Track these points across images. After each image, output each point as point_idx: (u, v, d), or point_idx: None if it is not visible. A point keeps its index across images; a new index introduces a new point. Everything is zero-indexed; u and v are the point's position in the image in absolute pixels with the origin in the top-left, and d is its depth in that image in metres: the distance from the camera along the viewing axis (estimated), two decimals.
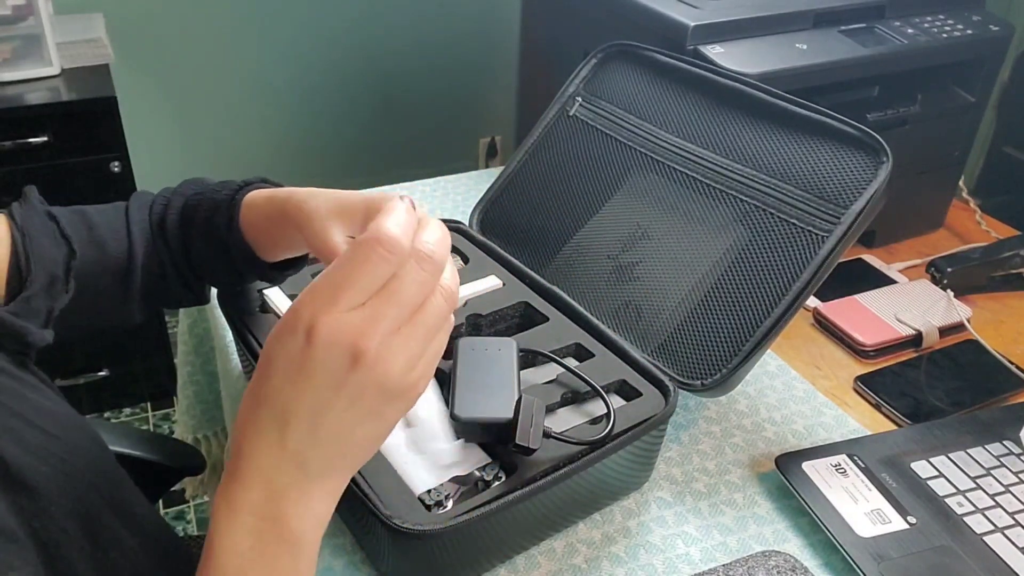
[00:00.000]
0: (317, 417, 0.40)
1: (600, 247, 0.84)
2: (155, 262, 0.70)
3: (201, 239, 0.68)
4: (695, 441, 0.79)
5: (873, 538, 0.66)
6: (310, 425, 0.40)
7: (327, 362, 0.38)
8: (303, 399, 0.39)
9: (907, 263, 1.08)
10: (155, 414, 1.96)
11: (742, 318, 0.73)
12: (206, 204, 0.68)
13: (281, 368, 0.39)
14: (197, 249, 0.69)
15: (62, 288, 0.62)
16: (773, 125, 0.79)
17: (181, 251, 0.70)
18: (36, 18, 1.55)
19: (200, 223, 0.68)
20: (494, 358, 0.68)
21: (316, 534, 0.42)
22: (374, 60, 2.24)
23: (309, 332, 0.38)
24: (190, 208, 0.69)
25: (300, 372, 0.39)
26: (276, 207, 0.63)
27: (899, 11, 1.01)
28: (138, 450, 0.86)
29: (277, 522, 0.40)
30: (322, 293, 0.39)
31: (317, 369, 0.38)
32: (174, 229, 0.69)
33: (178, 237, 0.69)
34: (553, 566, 0.66)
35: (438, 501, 0.60)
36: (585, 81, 0.94)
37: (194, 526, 1.69)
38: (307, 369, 0.38)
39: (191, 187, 0.71)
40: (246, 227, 0.66)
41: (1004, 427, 0.79)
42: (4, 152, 1.50)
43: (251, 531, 0.40)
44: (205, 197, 0.69)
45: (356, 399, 0.39)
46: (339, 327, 0.38)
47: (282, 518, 0.40)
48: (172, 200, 0.70)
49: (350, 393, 0.39)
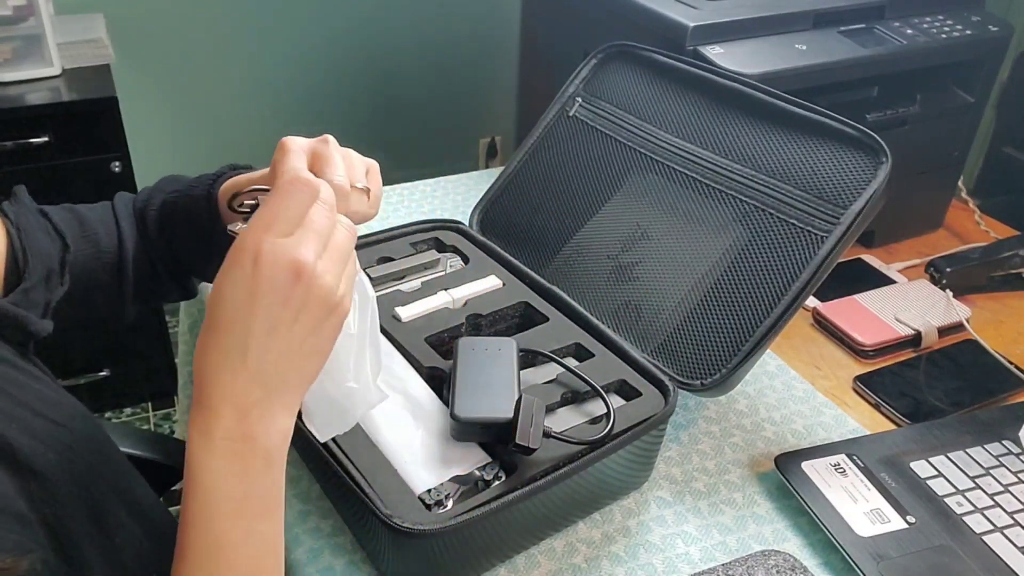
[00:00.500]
0: (272, 333, 0.44)
1: (600, 247, 0.84)
2: (144, 258, 0.71)
3: (186, 235, 0.70)
4: (695, 441, 0.79)
5: (872, 537, 0.67)
6: (266, 342, 0.44)
7: (274, 280, 0.44)
8: (257, 319, 0.44)
9: (906, 263, 1.08)
10: (156, 414, 1.96)
11: (742, 318, 0.73)
12: (184, 202, 0.70)
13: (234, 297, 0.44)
14: (183, 245, 0.71)
15: (58, 281, 0.63)
16: (773, 125, 0.79)
17: (165, 247, 0.71)
18: (37, 18, 1.55)
19: (181, 221, 0.70)
20: (494, 358, 0.68)
21: (284, 446, 0.47)
22: (374, 60, 2.24)
23: (255, 258, 0.43)
24: (169, 206, 0.71)
25: (252, 295, 0.44)
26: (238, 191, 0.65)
27: (898, 11, 1.01)
28: (139, 450, 0.86)
29: (248, 440, 0.45)
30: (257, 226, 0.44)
31: (266, 288, 0.44)
32: (155, 227, 0.71)
33: (160, 234, 0.71)
34: (553, 565, 0.66)
35: (438, 501, 0.60)
36: (585, 81, 0.94)
37: None
38: (258, 291, 0.43)
39: (168, 184, 0.73)
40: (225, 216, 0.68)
41: (1003, 427, 0.79)
42: (5, 152, 1.50)
43: (227, 453, 0.44)
44: (182, 194, 0.70)
45: (300, 312, 0.45)
46: (279, 249, 0.44)
47: (253, 435, 0.45)
48: (151, 198, 0.72)
49: (295, 306, 0.44)
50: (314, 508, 0.69)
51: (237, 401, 0.44)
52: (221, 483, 0.45)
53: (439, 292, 0.80)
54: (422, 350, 0.73)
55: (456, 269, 0.85)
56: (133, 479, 0.62)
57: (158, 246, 0.72)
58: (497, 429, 0.63)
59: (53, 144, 1.54)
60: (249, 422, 0.45)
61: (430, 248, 0.89)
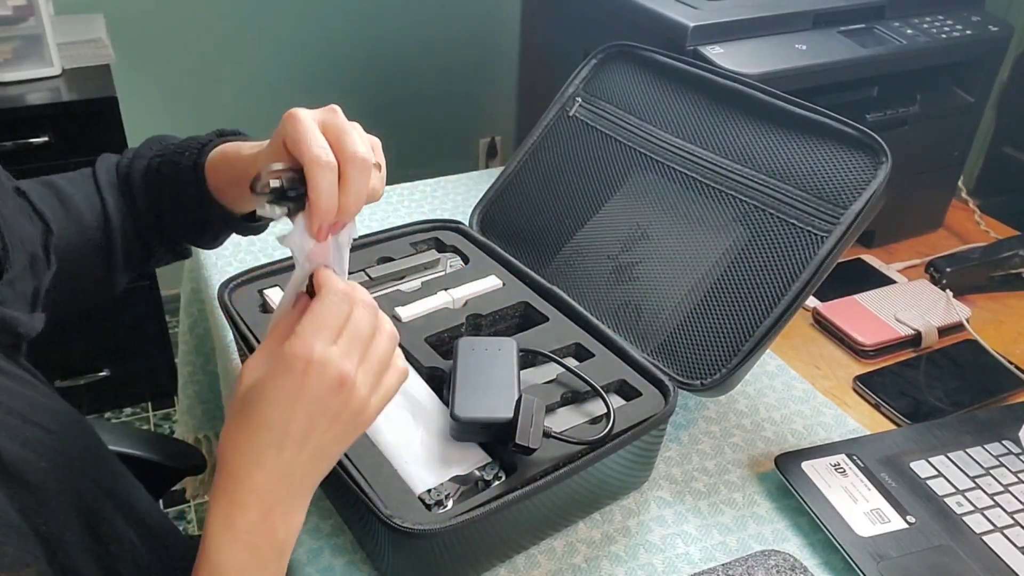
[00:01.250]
0: (307, 437, 0.47)
1: (600, 247, 0.84)
2: (130, 226, 0.69)
3: (172, 206, 0.68)
4: (695, 441, 0.79)
5: (872, 537, 0.67)
6: (301, 446, 0.47)
7: (319, 389, 0.46)
8: (297, 423, 0.46)
9: (906, 263, 1.08)
10: (156, 414, 1.96)
11: (742, 318, 0.73)
12: (169, 170, 0.68)
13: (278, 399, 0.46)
14: (170, 215, 0.69)
15: (44, 266, 0.61)
16: (773, 125, 0.79)
17: (150, 212, 0.69)
18: (37, 18, 1.55)
19: (168, 191, 0.68)
20: (494, 358, 0.68)
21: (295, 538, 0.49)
22: (374, 60, 2.24)
23: (307, 364, 0.45)
24: (153, 172, 0.69)
25: (296, 400, 0.45)
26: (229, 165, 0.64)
27: (898, 11, 1.01)
28: (139, 450, 0.86)
29: (269, 536, 0.47)
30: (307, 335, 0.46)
31: (311, 396, 0.46)
32: (141, 195, 0.69)
33: (147, 204, 0.69)
34: (553, 565, 0.66)
35: (438, 501, 0.60)
36: (585, 81, 0.94)
37: (195, 526, 1.69)
38: (303, 397, 0.45)
39: (154, 146, 0.70)
40: (214, 184, 0.66)
41: (1003, 427, 0.79)
42: (5, 152, 1.50)
43: (247, 546, 0.46)
44: (166, 160, 0.68)
45: (335, 420, 0.47)
46: (329, 358, 0.46)
47: (273, 531, 0.47)
48: (134, 163, 0.70)
49: (332, 415, 0.47)
50: (314, 508, 0.69)
51: (264, 498, 0.46)
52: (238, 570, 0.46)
53: (439, 292, 0.80)
54: (422, 350, 0.73)
55: (456, 269, 0.85)
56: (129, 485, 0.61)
57: (145, 216, 0.69)
58: (497, 429, 0.63)
59: (53, 144, 1.54)
60: (272, 519, 0.47)
61: (430, 248, 0.89)
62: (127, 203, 0.69)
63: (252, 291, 0.79)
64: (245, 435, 0.46)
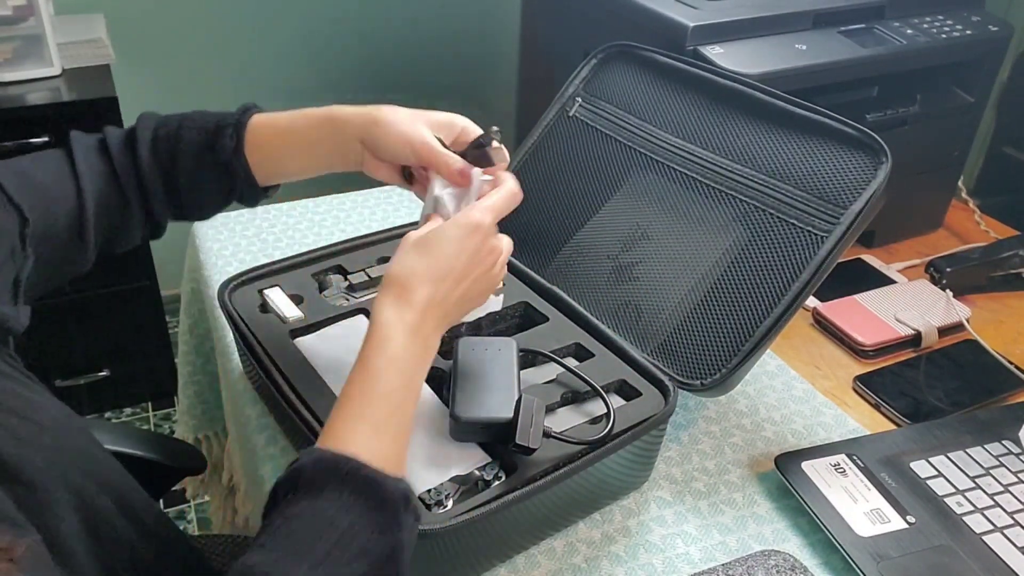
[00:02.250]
0: (460, 281, 0.60)
1: (600, 247, 0.84)
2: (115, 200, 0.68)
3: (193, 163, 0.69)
4: (695, 441, 0.79)
5: (872, 537, 0.67)
6: (455, 285, 0.60)
7: (479, 248, 0.61)
8: (460, 262, 0.59)
9: (906, 263, 1.08)
10: (156, 414, 1.96)
11: (742, 318, 0.73)
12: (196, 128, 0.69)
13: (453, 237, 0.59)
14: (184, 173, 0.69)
15: (21, 256, 0.61)
16: (773, 125, 0.79)
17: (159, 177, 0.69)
18: (37, 18, 1.55)
19: (194, 147, 0.69)
20: (494, 358, 0.68)
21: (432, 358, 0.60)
22: (374, 60, 2.24)
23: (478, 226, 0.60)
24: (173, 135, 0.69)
25: (463, 246, 0.60)
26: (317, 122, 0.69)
27: (898, 11, 1.01)
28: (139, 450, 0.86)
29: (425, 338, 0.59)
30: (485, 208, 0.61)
31: (472, 248, 0.60)
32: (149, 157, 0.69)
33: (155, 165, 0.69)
34: (553, 565, 0.66)
35: (438, 501, 0.60)
36: (585, 81, 0.94)
37: (195, 526, 1.69)
38: (468, 247, 0.60)
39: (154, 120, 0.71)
40: (256, 148, 0.69)
41: (1003, 427, 0.79)
42: (5, 152, 1.50)
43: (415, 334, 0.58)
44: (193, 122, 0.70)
45: (477, 279, 0.61)
46: (490, 229, 0.62)
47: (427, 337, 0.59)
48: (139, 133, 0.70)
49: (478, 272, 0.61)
50: None
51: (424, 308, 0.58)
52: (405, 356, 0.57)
53: None
54: None
55: None
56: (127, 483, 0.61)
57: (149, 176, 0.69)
58: (497, 429, 0.63)
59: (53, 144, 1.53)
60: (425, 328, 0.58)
61: None
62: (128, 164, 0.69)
63: (252, 291, 0.79)
64: (425, 261, 0.58)
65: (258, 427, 0.78)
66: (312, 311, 0.77)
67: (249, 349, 0.72)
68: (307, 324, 0.76)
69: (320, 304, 0.79)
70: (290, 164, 0.70)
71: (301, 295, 0.79)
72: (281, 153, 0.70)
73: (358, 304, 0.79)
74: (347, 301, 0.80)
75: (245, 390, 0.82)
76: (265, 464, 0.74)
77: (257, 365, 0.71)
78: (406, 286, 0.58)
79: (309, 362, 0.71)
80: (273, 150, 0.69)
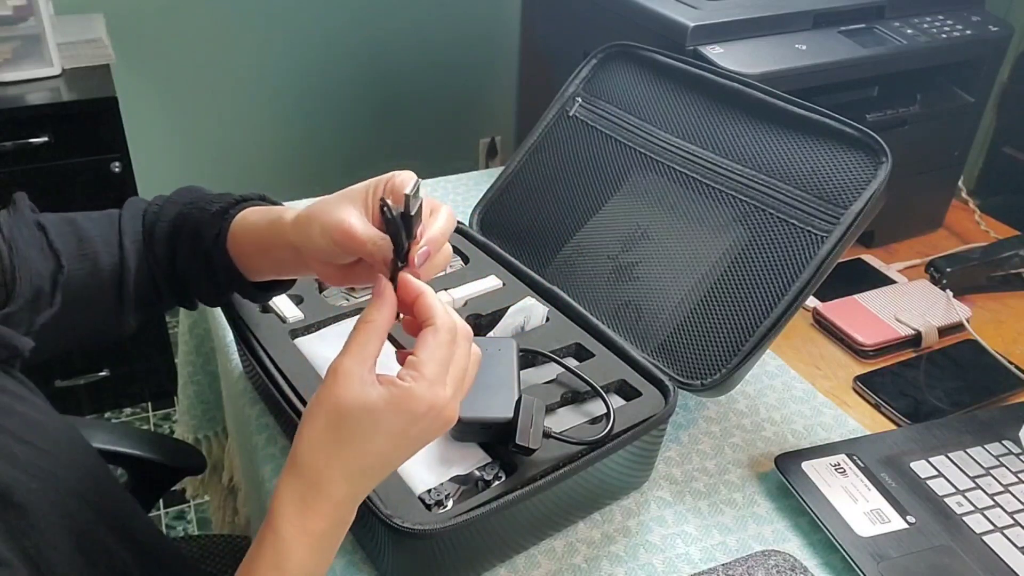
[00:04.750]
0: (404, 460, 0.50)
1: (600, 247, 0.84)
2: (146, 271, 0.67)
3: (187, 250, 0.66)
4: (695, 441, 0.79)
5: (872, 537, 0.66)
6: (395, 467, 0.51)
7: (432, 427, 0.49)
8: (401, 453, 0.50)
9: (906, 263, 1.08)
10: (156, 414, 1.96)
11: (742, 318, 0.73)
12: (196, 215, 0.66)
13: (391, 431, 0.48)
14: (182, 259, 0.67)
15: (47, 302, 0.60)
16: (773, 125, 0.79)
17: (167, 260, 0.67)
18: (36, 18, 1.55)
19: (188, 233, 0.66)
20: (494, 358, 0.68)
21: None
22: (374, 60, 2.24)
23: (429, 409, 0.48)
24: (181, 218, 0.67)
25: (406, 435, 0.48)
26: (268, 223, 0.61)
27: (898, 11, 1.01)
28: (139, 450, 0.86)
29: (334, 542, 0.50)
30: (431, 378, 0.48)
31: (420, 431, 0.49)
32: (162, 238, 0.67)
33: (165, 247, 0.67)
34: (553, 565, 0.66)
35: (438, 501, 0.60)
36: (585, 81, 0.94)
37: (194, 526, 1.69)
38: (413, 432, 0.48)
39: (186, 195, 0.68)
40: (234, 243, 0.63)
41: (1003, 427, 0.79)
42: (5, 152, 1.50)
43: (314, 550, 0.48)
44: (196, 207, 0.66)
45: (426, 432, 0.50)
46: (446, 403, 0.49)
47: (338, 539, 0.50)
48: (164, 208, 0.68)
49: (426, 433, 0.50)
50: None
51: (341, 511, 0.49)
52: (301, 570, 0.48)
53: (439, 292, 0.80)
54: None
55: (456, 269, 0.85)
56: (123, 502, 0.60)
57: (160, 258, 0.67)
58: (497, 429, 0.63)
59: (53, 144, 1.54)
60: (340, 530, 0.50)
61: None
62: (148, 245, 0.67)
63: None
64: (345, 453, 0.47)
65: (258, 427, 0.78)
66: (312, 311, 0.77)
67: (249, 349, 0.72)
68: (307, 324, 0.76)
69: (320, 304, 0.79)
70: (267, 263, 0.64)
71: (301, 295, 0.79)
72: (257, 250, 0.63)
73: (358, 304, 0.79)
74: (347, 301, 0.80)
75: (245, 390, 0.82)
76: (265, 464, 0.74)
77: (257, 365, 0.71)
78: (316, 483, 0.47)
79: (309, 362, 0.71)
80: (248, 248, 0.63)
